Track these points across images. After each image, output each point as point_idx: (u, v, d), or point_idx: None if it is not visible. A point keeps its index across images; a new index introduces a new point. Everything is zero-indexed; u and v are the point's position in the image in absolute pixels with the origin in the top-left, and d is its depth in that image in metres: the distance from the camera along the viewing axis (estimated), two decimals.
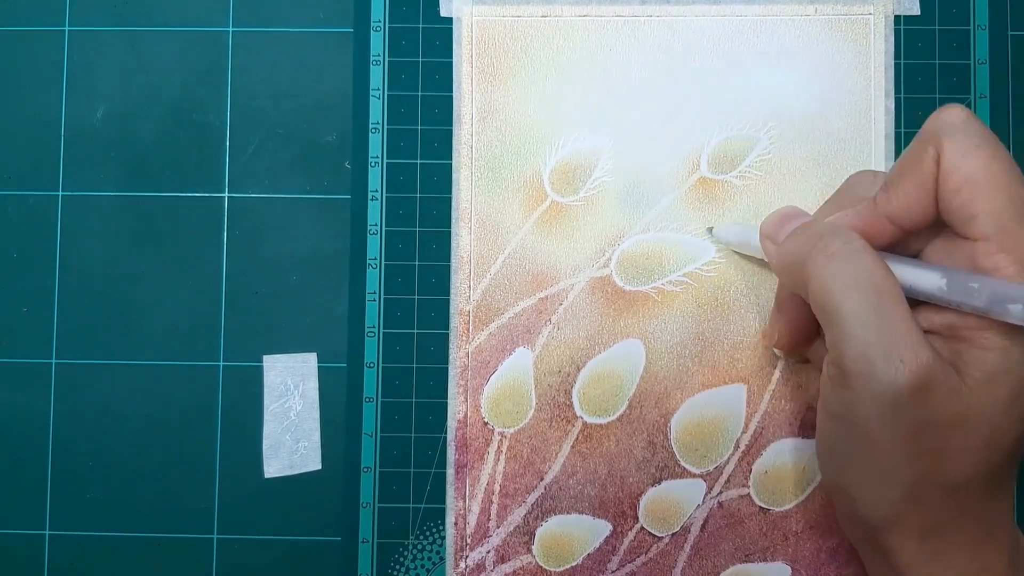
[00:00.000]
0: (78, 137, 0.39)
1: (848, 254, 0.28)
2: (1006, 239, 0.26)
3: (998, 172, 0.26)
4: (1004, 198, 0.26)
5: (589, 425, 0.37)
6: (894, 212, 0.28)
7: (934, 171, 0.27)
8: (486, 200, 0.38)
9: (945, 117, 0.27)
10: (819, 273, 0.28)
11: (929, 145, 0.27)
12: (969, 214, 0.27)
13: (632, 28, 0.38)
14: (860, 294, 0.27)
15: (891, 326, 0.26)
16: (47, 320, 0.38)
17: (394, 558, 0.37)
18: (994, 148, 0.27)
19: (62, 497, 0.38)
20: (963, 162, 0.27)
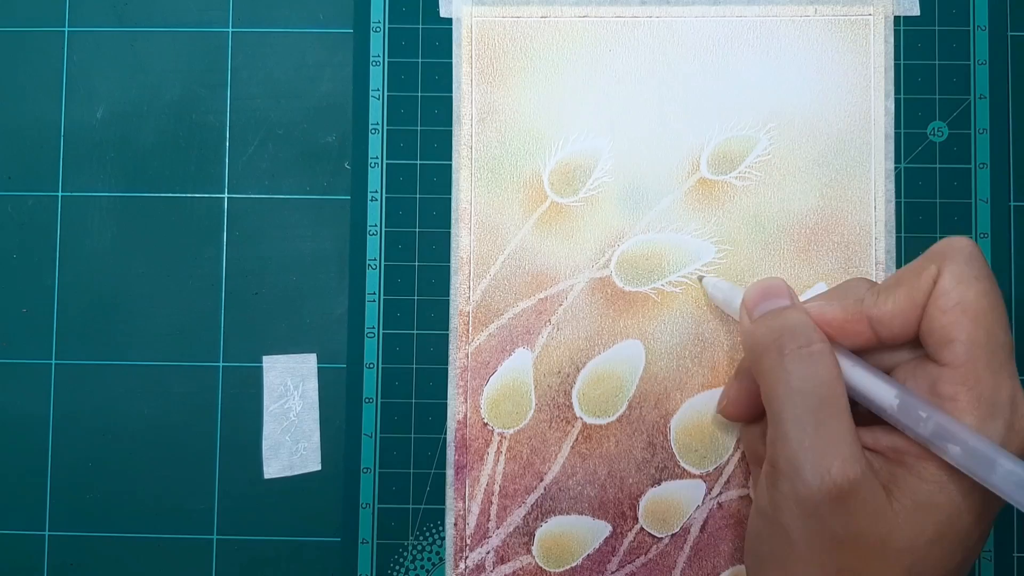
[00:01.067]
0: (78, 137, 0.39)
1: (803, 357, 0.28)
2: (972, 373, 0.27)
3: (987, 308, 0.27)
4: (984, 334, 0.27)
5: (589, 426, 0.37)
6: (878, 317, 0.29)
7: (929, 288, 0.28)
8: (486, 201, 0.38)
9: (955, 243, 0.28)
10: (771, 369, 0.29)
11: (932, 264, 0.28)
12: (948, 338, 0.27)
13: (632, 29, 0.38)
14: (802, 398, 0.28)
15: (826, 434, 0.27)
16: (47, 320, 0.38)
17: (394, 559, 0.37)
18: (990, 285, 0.27)
19: (62, 497, 0.38)
20: (958, 287, 0.27)
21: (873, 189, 0.37)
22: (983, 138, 0.37)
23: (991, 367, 0.27)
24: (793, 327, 0.29)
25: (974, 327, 0.27)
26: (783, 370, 0.28)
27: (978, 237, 0.37)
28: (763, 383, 0.29)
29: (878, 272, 0.37)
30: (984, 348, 0.27)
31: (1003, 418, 0.26)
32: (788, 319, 0.30)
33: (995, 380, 0.27)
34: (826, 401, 0.27)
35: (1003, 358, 0.27)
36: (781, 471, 0.27)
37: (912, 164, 0.37)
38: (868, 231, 0.37)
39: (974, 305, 0.27)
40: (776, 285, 0.32)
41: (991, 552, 0.36)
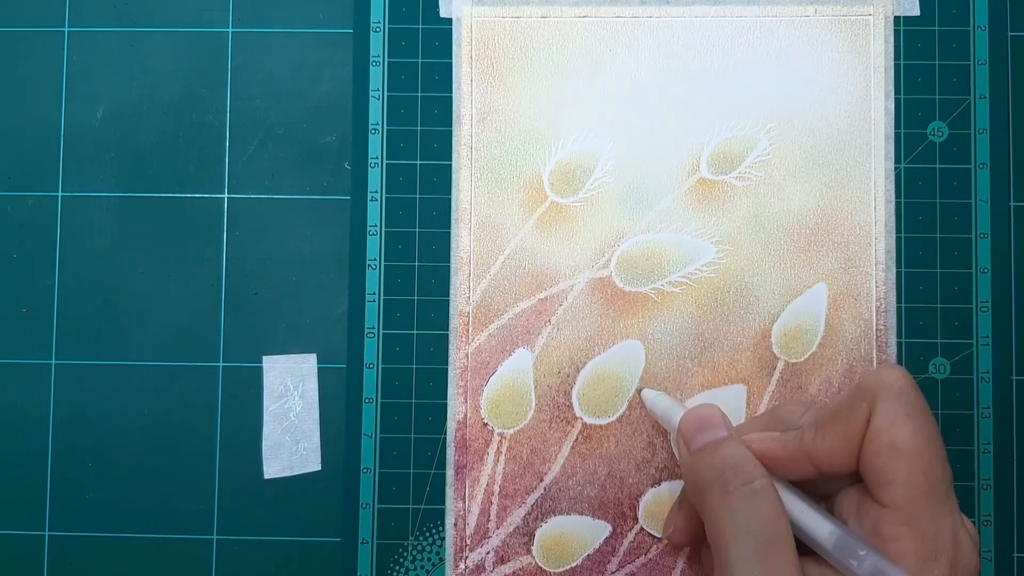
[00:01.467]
0: (78, 137, 0.39)
1: (746, 495, 0.28)
2: (913, 514, 0.26)
3: (921, 446, 0.27)
4: (920, 473, 0.27)
5: (589, 426, 0.37)
6: (817, 454, 0.29)
7: (862, 428, 0.28)
8: (486, 201, 0.38)
9: (884, 378, 0.28)
10: (714, 508, 0.29)
11: (863, 402, 0.28)
12: (885, 479, 0.27)
13: (632, 29, 0.38)
14: (747, 539, 0.27)
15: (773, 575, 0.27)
16: (47, 320, 0.38)
17: (394, 559, 0.37)
18: (924, 420, 0.27)
19: (62, 497, 0.38)
20: (891, 427, 0.27)
21: (873, 189, 0.37)
22: (983, 138, 0.37)
23: (931, 507, 0.27)
24: (735, 463, 0.29)
25: (910, 468, 0.27)
26: (727, 508, 0.28)
27: (978, 237, 0.37)
28: (707, 521, 0.29)
29: (878, 272, 0.37)
30: (922, 489, 0.27)
31: (946, 557, 0.26)
32: (728, 454, 0.30)
33: (936, 520, 0.27)
34: (771, 540, 0.27)
35: (942, 495, 0.27)
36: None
37: (912, 164, 0.37)
38: (868, 231, 0.37)
39: (909, 445, 0.27)
40: (711, 415, 0.32)
41: (991, 552, 0.36)
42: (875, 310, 0.37)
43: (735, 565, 0.27)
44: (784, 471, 0.30)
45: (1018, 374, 0.37)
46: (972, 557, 0.27)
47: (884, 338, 0.37)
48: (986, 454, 0.36)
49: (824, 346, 0.37)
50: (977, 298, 0.37)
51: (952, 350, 0.37)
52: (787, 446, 0.30)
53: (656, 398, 0.35)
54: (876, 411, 0.27)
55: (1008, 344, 0.37)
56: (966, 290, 0.37)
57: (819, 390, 0.37)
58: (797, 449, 0.29)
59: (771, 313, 0.37)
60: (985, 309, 0.37)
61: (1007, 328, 0.37)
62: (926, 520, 0.26)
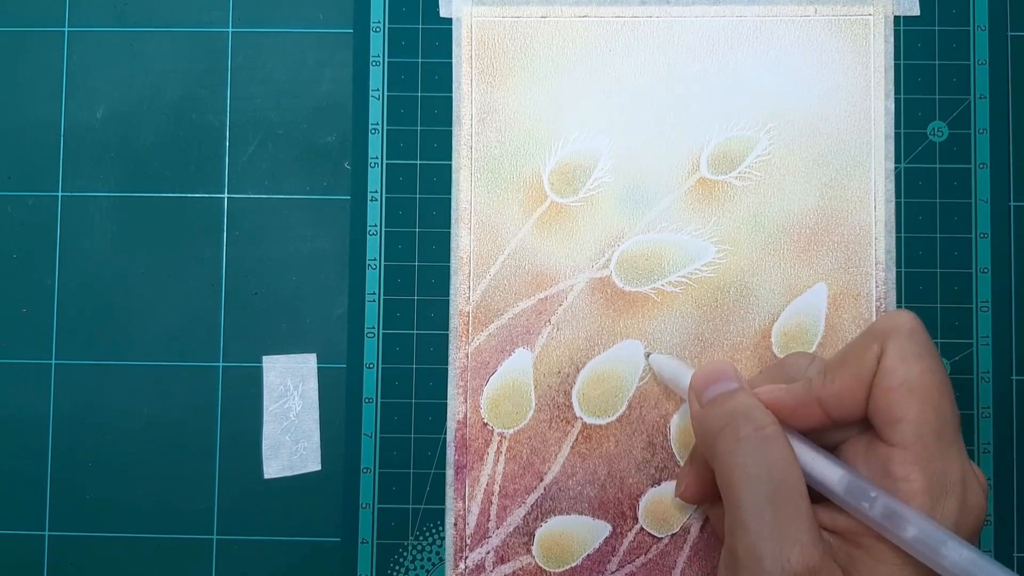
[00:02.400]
0: (78, 137, 0.39)
1: (757, 441, 0.28)
2: (923, 452, 0.26)
3: (932, 385, 0.27)
4: (931, 410, 0.27)
5: (589, 426, 0.37)
6: (826, 398, 0.29)
7: (873, 367, 0.28)
8: (486, 201, 0.38)
9: (896, 320, 0.28)
10: (725, 454, 0.29)
11: (875, 342, 0.28)
12: (895, 417, 0.27)
13: (632, 29, 0.38)
14: (759, 484, 0.27)
15: (785, 522, 0.27)
16: (47, 320, 0.38)
17: (394, 559, 0.37)
18: (934, 361, 0.27)
19: (62, 497, 0.38)
20: (902, 365, 0.27)
21: (873, 189, 0.37)
22: (983, 138, 0.37)
23: (941, 446, 0.27)
24: (745, 410, 0.29)
25: (921, 406, 0.27)
26: (738, 455, 0.28)
27: (978, 237, 0.37)
28: (718, 469, 0.29)
29: (878, 272, 0.37)
30: (932, 427, 0.27)
31: (956, 496, 0.26)
32: (739, 402, 0.30)
33: (945, 459, 0.27)
34: (783, 486, 0.27)
35: (951, 435, 0.27)
36: (740, 560, 0.27)
37: (912, 164, 0.37)
38: (868, 231, 0.37)
39: (919, 383, 0.27)
40: (724, 369, 0.32)
41: (991, 552, 0.36)
42: (875, 310, 0.37)
43: (746, 511, 0.27)
44: (794, 420, 0.30)
45: (1018, 374, 0.37)
46: (980, 498, 0.27)
47: None
48: (986, 454, 0.36)
49: (824, 346, 0.37)
50: (977, 298, 0.37)
51: (952, 350, 0.37)
52: (796, 393, 0.30)
53: (665, 361, 0.35)
54: (887, 350, 0.27)
55: (1008, 344, 0.37)
56: (966, 290, 0.37)
57: None
58: (806, 396, 0.29)
59: (771, 313, 0.37)
60: (985, 309, 0.37)
61: (1007, 328, 0.37)
62: (936, 459, 0.26)
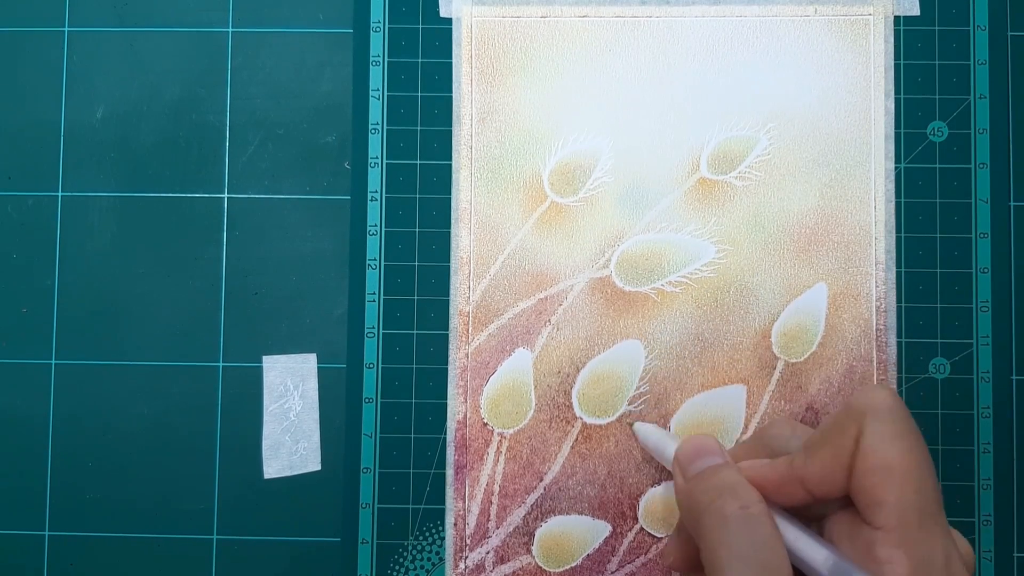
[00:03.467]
0: (78, 137, 0.39)
1: (743, 520, 0.28)
2: (906, 536, 0.26)
3: (912, 465, 0.26)
4: (912, 493, 0.26)
5: (589, 426, 0.37)
6: (808, 478, 0.28)
7: (852, 448, 0.27)
8: (486, 201, 0.38)
9: (873, 398, 0.28)
10: (710, 531, 0.28)
11: (853, 422, 0.27)
12: (876, 500, 0.27)
13: (632, 29, 0.38)
14: (745, 565, 0.27)
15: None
16: (47, 320, 0.38)
17: (394, 559, 0.37)
18: (914, 439, 0.27)
19: (62, 497, 0.38)
20: (881, 447, 0.27)
21: (873, 189, 0.37)
22: (983, 138, 0.37)
23: (924, 527, 0.26)
24: (731, 487, 0.29)
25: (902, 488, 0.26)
26: (724, 533, 0.28)
27: (978, 237, 0.37)
28: (703, 545, 0.29)
29: (878, 272, 0.37)
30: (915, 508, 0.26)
31: None
32: (725, 479, 0.30)
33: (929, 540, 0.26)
34: (768, 567, 0.27)
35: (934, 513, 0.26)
36: None
37: (912, 164, 0.37)
38: (868, 231, 0.37)
39: (900, 464, 0.26)
40: (708, 444, 0.32)
41: (991, 552, 0.36)
42: (875, 310, 0.37)
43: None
44: (776, 497, 0.29)
45: (1018, 374, 0.37)
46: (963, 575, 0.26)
47: (884, 338, 0.37)
48: (986, 454, 0.36)
49: (824, 346, 0.37)
50: (977, 298, 0.37)
51: (952, 350, 0.37)
52: (778, 471, 0.29)
53: (650, 431, 0.35)
54: (865, 431, 0.27)
55: (1008, 344, 0.37)
56: (966, 290, 0.37)
57: (819, 390, 0.37)
58: (788, 473, 0.29)
59: (771, 313, 0.37)
60: (985, 309, 0.37)
61: (1007, 328, 0.37)
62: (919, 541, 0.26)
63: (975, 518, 0.36)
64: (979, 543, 0.36)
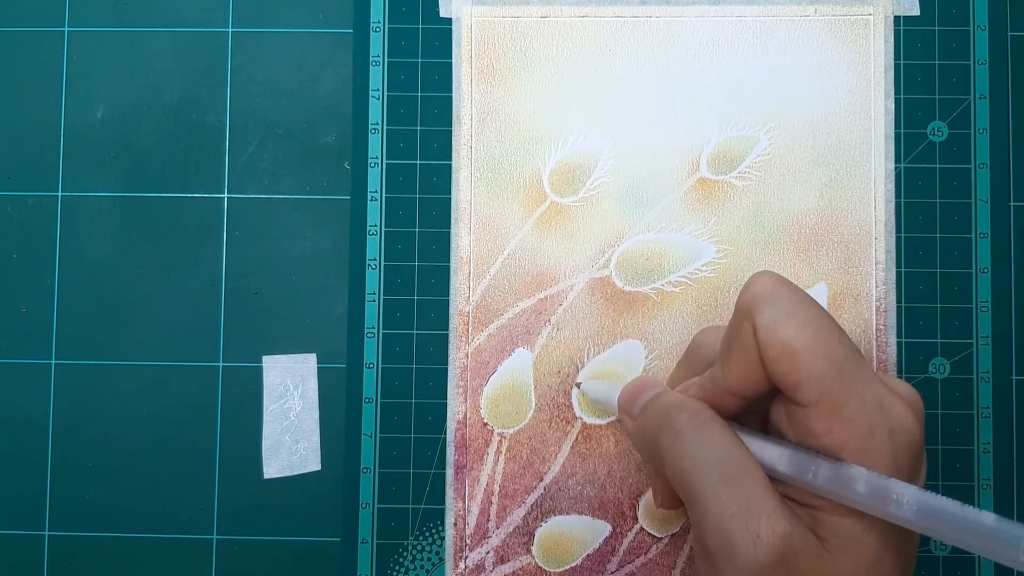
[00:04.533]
0: (78, 137, 0.39)
1: (695, 427, 0.28)
2: (832, 402, 0.26)
3: (811, 337, 0.26)
4: (822, 362, 0.26)
5: (589, 426, 0.37)
6: (731, 385, 0.28)
7: (754, 345, 0.27)
8: (486, 201, 0.38)
9: (754, 289, 0.27)
10: (669, 450, 0.28)
11: (745, 320, 0.27)
12: (792, 383, 0.26)
13: (632, 29, 0.38)
14: (709, 468, 0.27)
15: (743, 498, 0.26)
16: (47, 320, 0.38)
17: (394, 559, 0.37)
18: (805, 313, 0.27)
19: (62, 497, 0.38)
20: (775, 333, 0.26)
21: (873, 189, 0.37)
22: (983, 138, 0.37)
23: (846, 388, 0.26)
24: (676, 403, 0.30)
25: (809, 363, 0.26)
26: (681, 445, 0.28)
27: (978, 237, 0.37)
28: (668, 469, 0.29)
29: (878, 272, 0.37)
30: (829, 376, 0.26)
31: (880, 426, 0.26)
32: (668, 399, 0.30)
33: (856, 398, 0.26)
34: (732, 464, 0.27)
35: (852, 372, 0.26)
36: (712, 551, 0.27)
37: (912, 164, 0.37)
38: (868, 231, 0.37)
39: (798, 341, 0.26)
40: (644, 380, 0.32)
41: None
42: (875, 310, 0.37)
43: (704, 498, 0.27)
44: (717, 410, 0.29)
45: (1018, 374, 0.37)
46: (906, 417, 0.26)
47: (884, 338, 0.37)
48: (986, 454, 0.36)
49: None
50: (977, 298, 0.37)
51: (952, 350, 0.37)
52: (706, 387, 0.29)
53: (596, 384, 0.36)
54: (757, 323, 0.27)
55: (1008, 344, 0.37)
56: (966, 290, 0.37)
57: None
58: (715, 386, 0.29)
59: None
60: (985, 309, 0.37)
61: (1007, 328, 0.37)
62: (846, 403, 0.26)
63: None
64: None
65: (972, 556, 0.36)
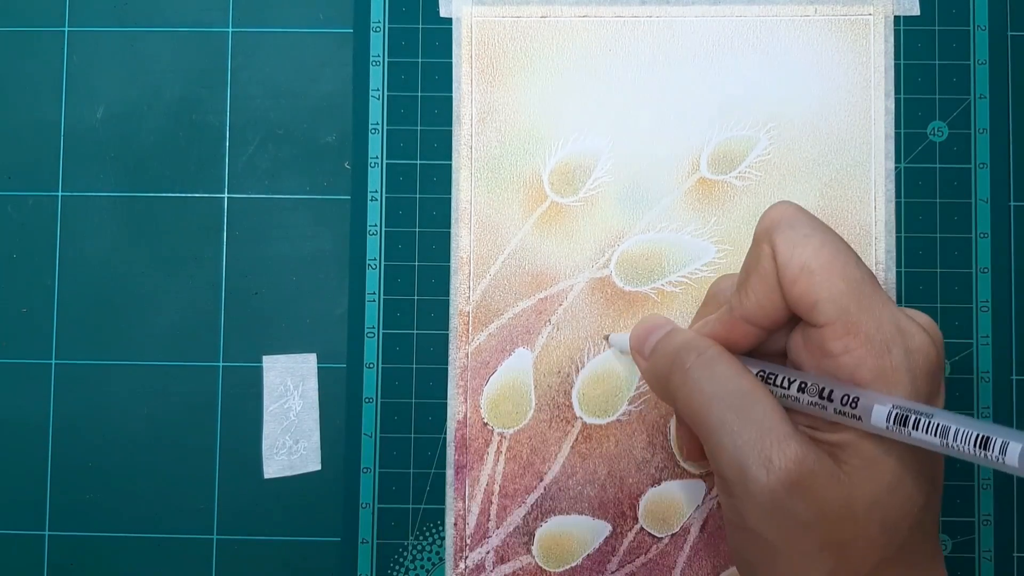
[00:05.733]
0: (78, 137, 0.39)
1: (703, 364, 0.29)
2: (849, 321, 0.26)
3: (829, 257, 0.27)
4: (839, 281, 0.26)
5: (589, 426, 0.37)
6: (748, 313, 0.29)
7: (773, 268, 0.27)
8: (486, 201, 0.38)
9: (773, 215, 0.28)
10: (680, 389, 0.29)
11: (764, 243, 0.28)
12: (809, 302, 0.27)
13: (632, 29, 0.38)
14: (718, 401, 0.27)
15: (754, 426, 0.27)
16: (47, 320, 0.38)
17: (394, 559, 0.37)
18: (823, 235, 0.27)
19: (62, 497, 0.38)
20: (794, 253, 0.27)
21: (873, 189, 0.37)
22: (983, 138, 0.37)
23: (863, 307, 0.26)
24: (685, 343, 0.30)
25: (827, 281, 0.26)
26: (691, 382, 0.28)
27: (978, 237, 0.37)
28: (680, 408, 0.29)
29: (878, 272, 0.37)
30: (847, 294, 0.26)
31: (897, 345, 0.26)
32: (677, 339, 0.30)
33: (873, 317, 0.26)
34: (740, 394, 0.27)
35: (869, 291, 0.26)
36: (729, 480, 0.27)
37: (912, 164, 0.37)
38: (868, 231, 0.37)
39: (816, 261, 0.27)
40: (654, 319, 0.33)
41: (991, 552, 0.36)
42: None
43: (716, 431, 0.27)
44: (733, 345, 0.29)
45: (1018, 374, 0.37)
46: (922, 337, 0.26)
47: None
48: None
49: None
50: (977, 298, 0.37)
51: (952, 350, 0.37)
52: (723, 320, 0.30)
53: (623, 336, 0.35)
54: (776, 246, 0.27)
55: (1008, 344, 0.37)
56: (966, 290, 0.37)
57: None
58: (732, 318, 0.29)
59: None
60: (985, 309, 0.37)
61: (1007, 328, 0.37)
62: (863, 321, 0.26)
63: (975, 518, 0.36)
64: (979, 543, 0.36)
65: (972, 556, 0.36)
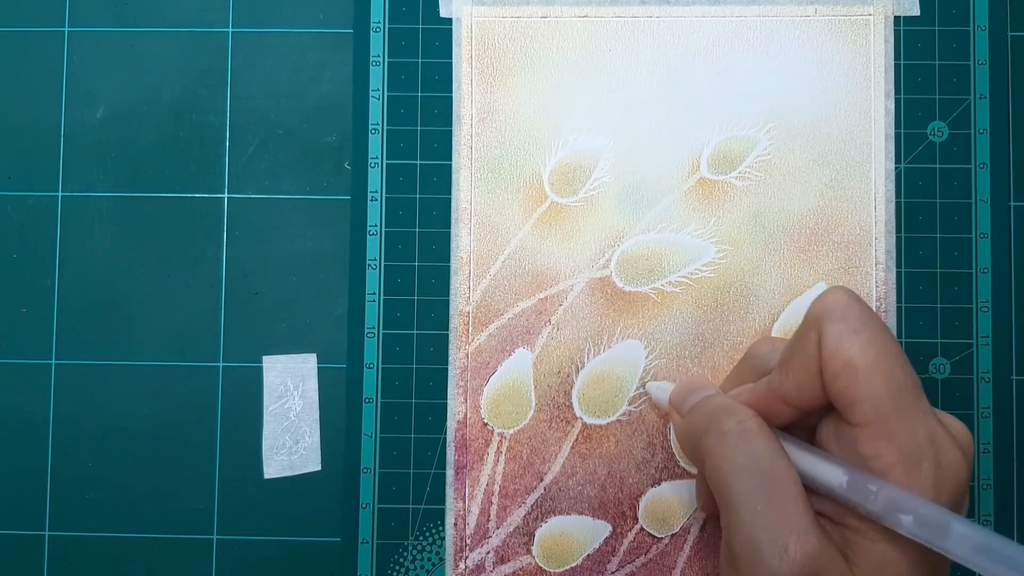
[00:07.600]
0: (78, 137, 0.39)
1: (740, 432, 0.28)
2: (885, 426, 0.26)
3: (875, 358, 0.26)
4: (881, 384, 0.26)
5: (589, 426, 0.37)
6: (786, 393, 0.28)
7: (817, 356, 0.27)
8: (486, 201, 0.38)
9: (826, 301, 0.28)
10: (712, 452, 0.29)
11: (812, 330, 0.27)
12: (849, 400, 0.26)
13: (632, 29, 0.38)
14: (748, 475, 0.27)
15: (778, 510, 0.26)
16: (47, 320, 0.38)
17: (394, 559, 0.37)
18: (873, 333, 0.27)
19: (62, 497, 0.38)
20: (841, 347, 0.26)
21: (873, 189, 0.37)
22: (983, 138, 0.37)
23: (900, 415, 0.26)
24: (725, 407, 0.30)
25: (869, 382, 0.26)
26: (724, 448, 0.28)
27: (978, 237, 0.37)
28: (708, 469, 0.29)
29: (878, 272, 0.37)
30: (886, 399, 0.26)
31: (928, 460, 0.26)
32: (718, 402, 0.30)
33: (909, 426, 0.26)
34: (771, 475, 0.27)
35: (909, 400, 0.26)
36: (739, 556, 0.27)
37: (912, 164, 0.37)
38: (868, 231, 0.37)
39: (862, 360, 0.26)
40: (698, 380, 0.33)
41: None
42: (875, 310, 0.37)
43: (739, 504, 0.27)
44: (769, 418, 0.29)
45: (1018, 374, 0.37)
46: (955, 455, 0.26)
47: None
48: (986, 454, 0.36)
49: None
50: (977, 298, 0.37)
51: (952, 350, 0.37)
52: (760, 393, 0.30)
53: (660, 385, 0.36)
54: (824, 335, 0.27)
55: (1008, 344, 0.37)
56: (966, 290, 0.37)
57: None
58: (769, 394, 0.29)
59: (771, 313, 0.37)
60: (985, 309, 0.37)
61: (1007, 328, 0.37)
62: (899, 429, 0.26)
63: (975, 518, 0.36)
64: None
65: None
